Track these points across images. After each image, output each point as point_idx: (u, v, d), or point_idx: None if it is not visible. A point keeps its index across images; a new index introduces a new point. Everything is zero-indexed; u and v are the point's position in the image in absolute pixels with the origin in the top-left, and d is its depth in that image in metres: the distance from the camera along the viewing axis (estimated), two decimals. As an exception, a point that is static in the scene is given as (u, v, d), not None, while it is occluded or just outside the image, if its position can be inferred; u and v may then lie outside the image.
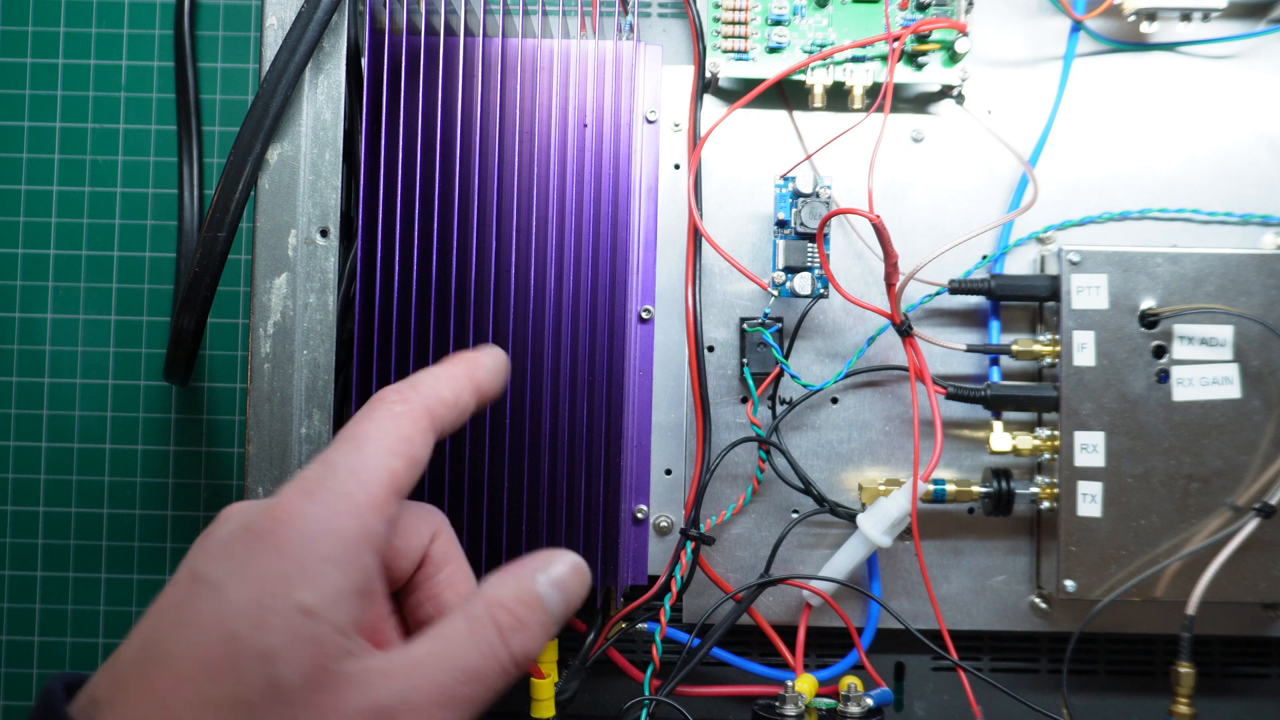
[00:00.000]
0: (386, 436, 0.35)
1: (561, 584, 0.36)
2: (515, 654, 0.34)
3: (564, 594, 0.36)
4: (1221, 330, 0.55)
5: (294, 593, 0.31)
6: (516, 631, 0.34)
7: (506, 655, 0.34)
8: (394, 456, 0.34)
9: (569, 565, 0.36)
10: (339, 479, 0.33)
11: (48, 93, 0.66)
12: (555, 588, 0.35)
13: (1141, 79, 0.60)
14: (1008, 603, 0.58)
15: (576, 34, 0.55)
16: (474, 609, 0.34)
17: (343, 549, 0.32)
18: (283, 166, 0.49)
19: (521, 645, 0.34)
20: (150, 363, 0.65)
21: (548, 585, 0.35)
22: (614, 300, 0.54)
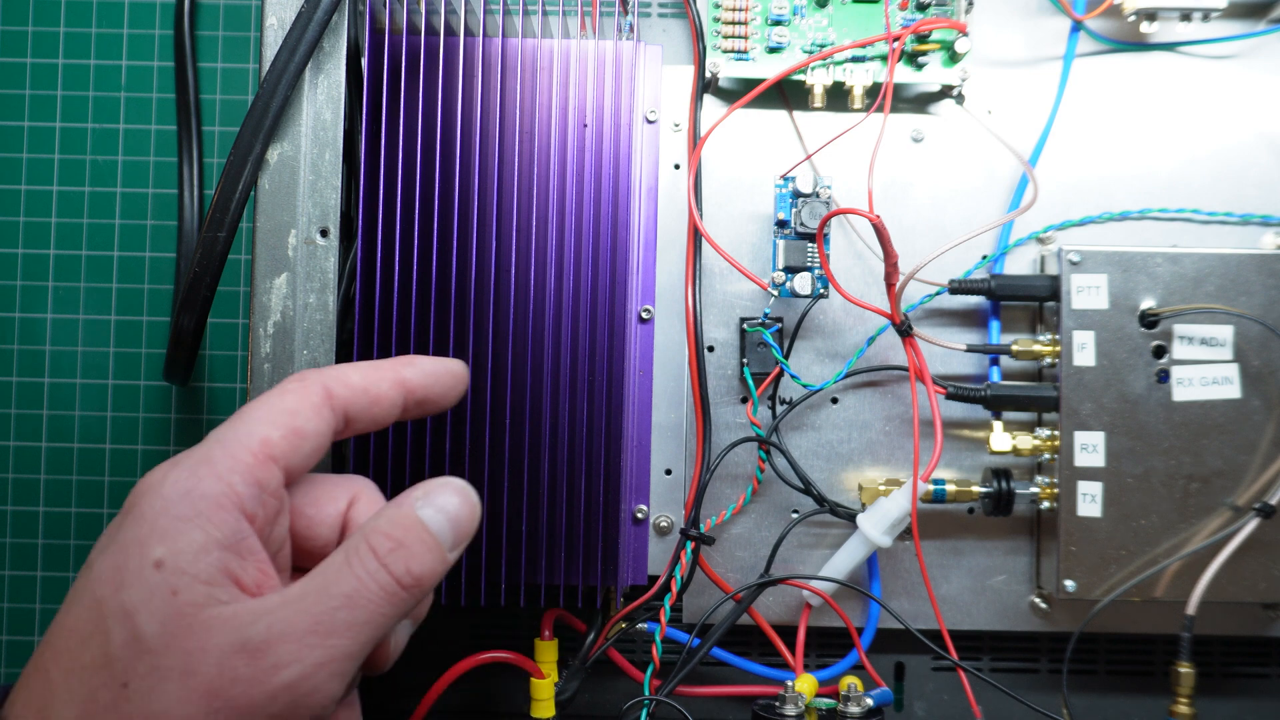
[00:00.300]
0: (268, 408, 0.37)
1: (443, 507, 0.37)
2: (397, 573, 0.35)
3: (446, 515, 0.36)
4: (1221, 330, 0.55)
5: (148, 551, 0.33)
6: (394, 552, 0.35)
7: (385, 576, 0.34)
8: (270, 425, 0.36)
9: (452, 488, 0.37)
10: (206, 446, 0.35)
11: (48, 93, 0.66)
12: (437, 510, 0.36)
13: (1141, 79, 0.60)
14: (1008, 603, 0.58)
15: (576, 34, 0.55)
16: (351, 540, 0.35)
17: (199, 508, 0.34)
18: (283, 166, 0.49)
19: (403, 564, 0.35)
20: (150, 363, 0.65)
21: (428, 509, 0.36)
22: (614, 300, 0.54)
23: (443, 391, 0.42)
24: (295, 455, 0.36)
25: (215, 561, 0.33)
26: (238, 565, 0.34)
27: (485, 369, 0.53)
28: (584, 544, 0.54)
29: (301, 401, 0.37)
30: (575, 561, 0.54)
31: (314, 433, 0.37)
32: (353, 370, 0.39)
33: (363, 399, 0.39)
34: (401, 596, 0.35)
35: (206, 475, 0.34)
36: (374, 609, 0.34)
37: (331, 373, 0.39)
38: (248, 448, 0.35)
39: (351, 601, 0.34)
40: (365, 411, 0.39)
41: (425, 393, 0.41)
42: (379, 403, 0.39)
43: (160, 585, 0.32)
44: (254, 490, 0.35)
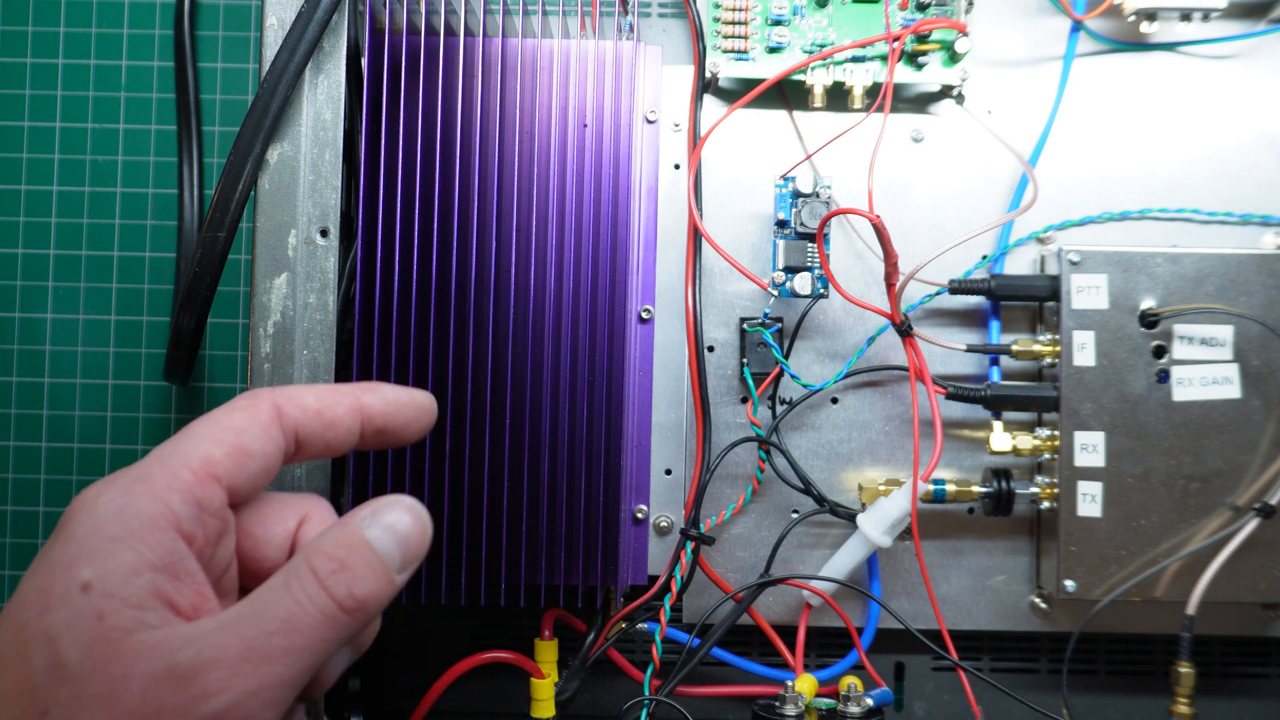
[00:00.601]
0: (213, 426, 0.35)
1: (391, 527, 0.35)
2: (338, 596, 0.33)
3: (395, 535, 0.34)
4: (1221, 330, 0.55)
5: (75, 573, 0.31)
6: (336, 574, 0.33)
7: (325, 599, 0.33)
8: (213, 444, 0.34)
9: (402, 507, 0.35)
10: (145, 463, 0.34)
11: (48, 93, 0.66)
12: (384, 530, 0.34)
13: (1141, 79, 0.60)
14: (1008, 603, 0.58)
15: (576, 34, 0.55)
16: (293, 561, 0.34)
17: (132, 528, 0.32)
18: (283, 166, 0.49)
19: (345, 587, 0.33)
20: (150, 363, 0.65)
21: (375, 528, 0.34)
22: (614, 300, 0.54)
23: (405, 423, 0.39)
24: (240, 475, 0.35)
25: (147, 584, 0.32)
26: (172, 588, 0.32)
27: (485, 369, 0.53)
28: (584, 544, 0.54)
29: (249, 420, 0.35)
30: (575, 561, 0.54)
31: (261, 453, 0.35)
32: (308, 392, 0.38)
33: (316, 422, 0.37)
34: (343, 620, 0.33)
35: (142, 493, 0.33)
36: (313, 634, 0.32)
37: (285, 392, 0.37)
38: (188, 465, 0.34)
39: (289, 626, 0.32)
40: (319, 435, 0.37)
41: (385, 422, 0.39)
42: (333, 427, 0.37)
43: (86, 609, 0.31)
44: (193, 510, 0.33)
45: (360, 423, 0.38)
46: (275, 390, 0.37)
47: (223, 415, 0.35)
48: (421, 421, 0.40)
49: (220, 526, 0.35)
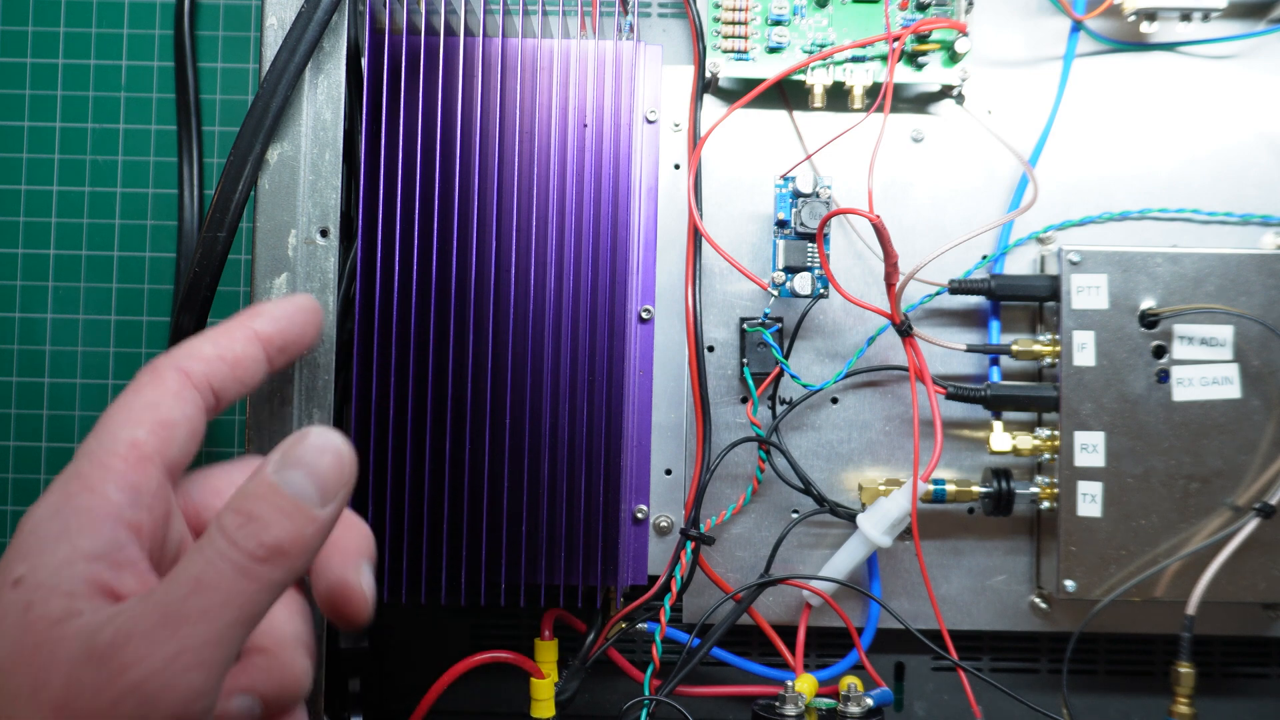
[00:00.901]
0: (126, 410, 0.35)
1: (302, 462, 0.33)
2: (249, 549, 0.32)
3: (306, 471, 0.33)
4: (1221, 330, 0.55)
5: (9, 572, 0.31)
6: (243, 527, 0.32)
7: (234, 552, 0.31)
8: (133, 425, 0.34)
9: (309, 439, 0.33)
10: (75, 462, 0.34)
11: (48, 93, 0.66)
12: (295, 468, 0.33)
13: (1141, 79, 0.60)
14: (1008, 603, 0.58)
15: (576, 34, 0.55)
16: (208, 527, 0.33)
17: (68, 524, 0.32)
18: (283, 166, 0.49)
19: (255, 537, 0.32)
20: (150, 363, 0.65)
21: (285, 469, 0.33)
22: (614, 300, 0.54)
23: (300, 331, 0.40)
24: (170, 448, 0.35)
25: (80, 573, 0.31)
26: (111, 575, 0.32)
27: (485, 369, 0.53)
28: (584, 544, 0.54)
29: (159, 391, 0.35)
30: (575, 561, 0.54)
31: (183, 419, 0.35)
32: (203, 342, 0.38)
33: (222, 367, 0.37)
34: (261, 570, 0.32)
35: (77, 490, 0.33)
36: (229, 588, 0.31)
37: (182, 351, 0.37)
38: (115, 453, 0.33)
39: (201, 584, 0.31)
40: (230, 378, 0.37)
41: (283, 339, 0.39)
42: (240, 364, 0.38)
43: (14, 603, 0.31)
44: (131, 496, 0.33)
45: (261, 349, 0.39)
46: (172, 353, 0.37)
47: (132, 396, 0.35)
48: (313, 324, 0.41)
49: (165, 507, 0.34)
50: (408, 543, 0.52)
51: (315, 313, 0.41)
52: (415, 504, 0.52)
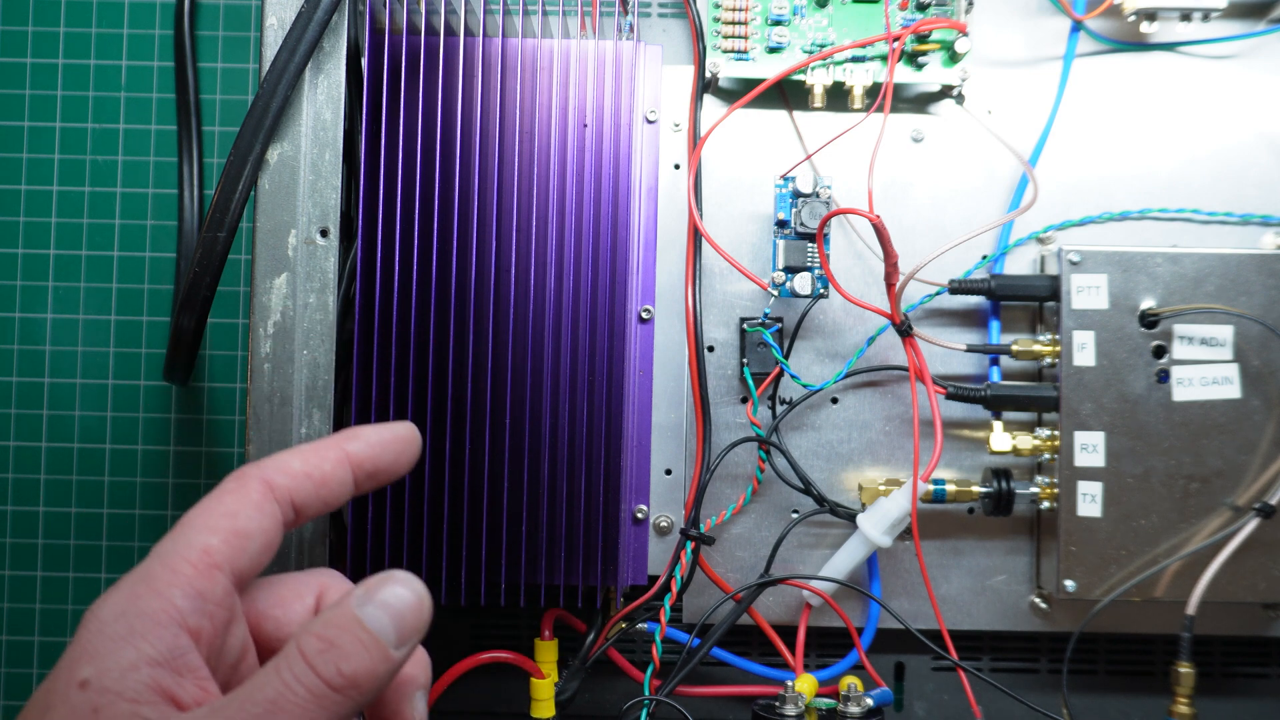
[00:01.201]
0: (205, 514, 0.36)
1: (385, 603, 0.34)
2: (326, 675, 0.33)
3: (388, 610, 0.34)
4: (1221, 330, 0.55)
5: (75, 672, 0.32)
6: (324, 653, 0.33)
7: (313, 678, 0.32)
8: (209, 532, 0.35)
9: (395, 580, 0.35)
10: (147, 563, 0.34)
11: (48, 93, 0.66)
12: (378, 606, 0.34)
13: (1141, 79, 0.60)
14: (1008, 603, 0.58)
15: (576, 34, 0.55)
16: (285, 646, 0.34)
17: (134, 626, 0.33)
18: (283, 166, 0.49)
19: (333, 665, 0.33)
20: (150, 363, 0.65)
21: (368, 605, 0.34)
22: (614, 300, 0.54)
23: (393, 459, 0.40)
24: (241, 558, 0.35)
25: (145, 679, 0.32)
26: (173, 682, 0.32)
27: (485, 369, 0.53)
28: (584, 544, 0.54)
29: (240, 501, 0.36)
30: (575, 561, 0.54)
31: (258, 531, 0.36)
32: (293, 457, 0.38)
33: (307, 484, 0.38)
34: (333, 699, 0.33)
35: (144, 593, 0.33)
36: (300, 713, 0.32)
37: (271, 464, 0.37)
38: (186, 559, 0.34)
39: (275, 707, 0.32)
40: (314, 496, 0.38)
41: (374, 465, 0.40)
42: (326, 484, 0.38)
43: (82, 705, 0.31)
44: (195, 603, 0.34)
45: (350, 472, 0.39)
46: (261, 464, 0.37)
47: (214, 502, 0.36)
48: (408, 454, 0.41)
49: (227, 615, 0.35)
50: (408, 543, 0.52)
51: (413, 443, 0.41)
52: (415, 504, 0.52)
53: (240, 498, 0.36)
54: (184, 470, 0.65)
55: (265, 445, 0.49)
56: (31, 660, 0.64)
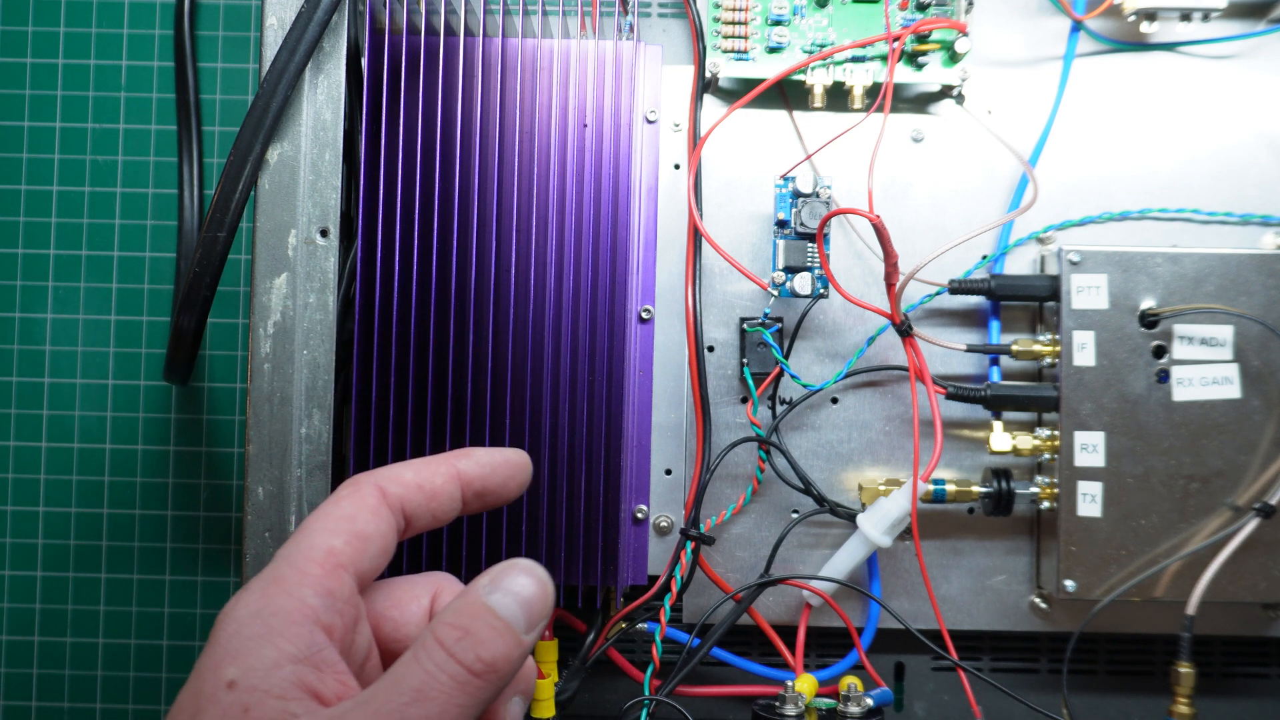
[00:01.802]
0: (326, 518, 0.37)
1: (511, 589, 0.36)
2: (466, 661, 0.34)
3: (515, 598, 0.36)
4: (1221, 330, 0.55)
5: (221, 673, 0.33)
6: (462, 641, 0.34)
7: (455, 666, 0.34)
8: (332, 534, 0.36)
9: (519, 569, 0.37)
10: (274, 566, 0.36)
11: (48, 93, 0.66)
12: (505, 594, 0.36)
13: (1141, 79, 0.60)
14: (1008, 603, 0.58)
15: (576, 34, 0.55)
16: (420, 636, 0.35)
17: (271, 625, 0.34)
18: (283, 166, 0.49)
19: (472, 652, 0.34)
20: (150, 363, 0.65)
21: (495, 593, 0.36)
22: (614, 300, 0.54)
23: (502, 482, 0.41)
24: (362, 559, 0.36)
25: (289, 676, 0.33)
26: (315, 678, 0.34)
27: (485, 369, 0.53)
28: (584, 544, 0.54)
29: (358, 506, 0.37)
30: (575, 561, 0.54)
31: (376, 534, 0.37)
32: (406, 469, 0.39)
33: (418, 495, 0.39)
34: (475, 685, 0.34)
35: (277, 593, 0.34)
36: (446, 700, 0.33)
37: (384, 473, 0.39)
38: (313, 560, 0.35)
39: (422, 695, 0.33)
40: (424, 507, 0.39)
41: (483, 484, 0.41)
42: (436, 498, 0.39)
43: (233, 705, 0.32)
44: (326, 601, 0.35)
45: (460, 489, 0.40)
46: (375, 473, 0.39)
47: (332, 507, 0.37)
48: (519, 478, 0.42)
49: (355, 613, 0.36)
50: (408, 543, 0.52)
51: (524, 469, 0.42)
52: (415, 504, 0.52)
53: (357, 502, 0.37)
54: (184, 470, 0.65)
55: (265, 445, 0.49)
56: (31, 660, 0.64)
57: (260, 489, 0.49)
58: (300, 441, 0.49)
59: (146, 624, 0.65)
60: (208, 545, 0.65)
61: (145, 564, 0.65)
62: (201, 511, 0.65)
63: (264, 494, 0.49)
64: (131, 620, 0.65)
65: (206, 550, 0.65)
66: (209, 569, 0.65)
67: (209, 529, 0.65)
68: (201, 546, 0.65)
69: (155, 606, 0.65)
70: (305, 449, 0.49)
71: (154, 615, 0.65)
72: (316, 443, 0.49)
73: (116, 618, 0.65)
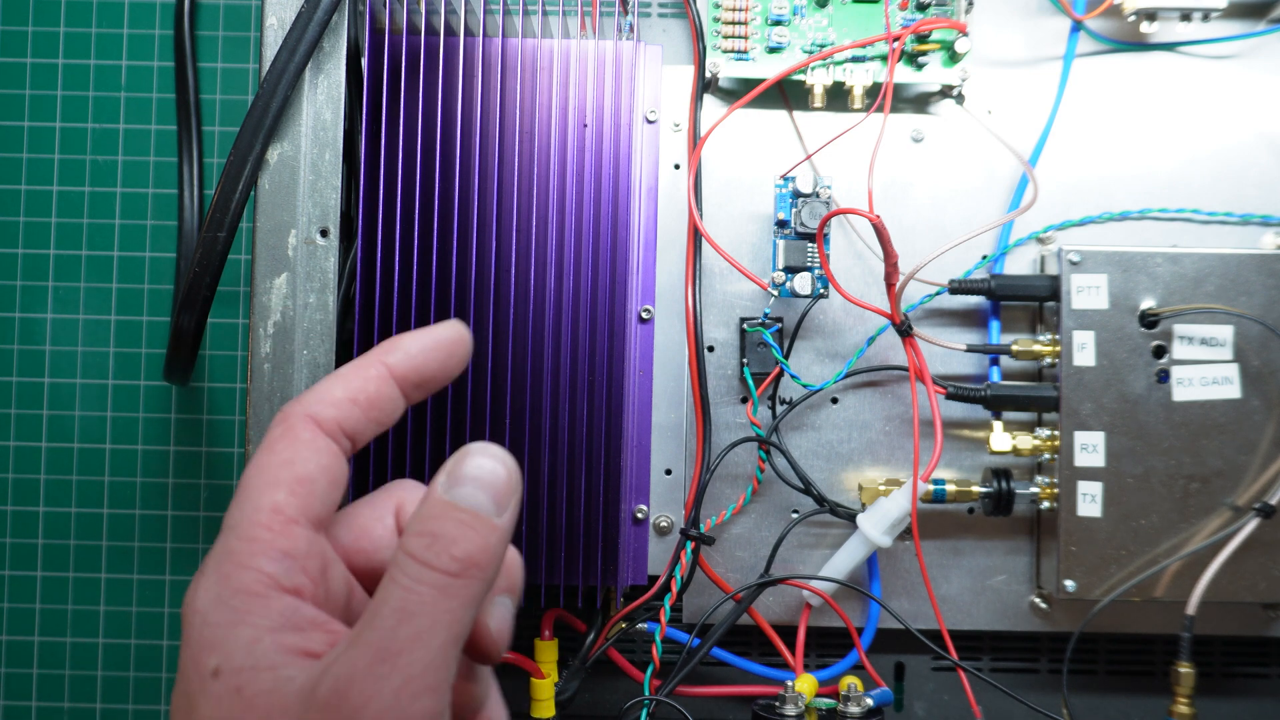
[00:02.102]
0: (264, 471, 0.34)
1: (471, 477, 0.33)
2: (442, 566, 0.32)
3: (477, 483, 0.33)
4: (1221, 330, 0.55)
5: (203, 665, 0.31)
6: (431, 547, 0.32)
7: (431, 574, 0.32)
8: (273, 489, 0.34)
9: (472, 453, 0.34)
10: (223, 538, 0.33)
11: (48, 93, 0.66)
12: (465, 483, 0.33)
13: (1141, 79, 0.60)
14: (1008, 603, 0.58)
15: (576, 34, 0.55)
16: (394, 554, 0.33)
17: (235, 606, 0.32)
18: (283, 166, 0.49)
19: (445, 553, 0.32)
20: (150, 363, 0.65)
21: (455, 486, 0.33)
22: (614, 300, 0.54)
23: (440, 365, 0.37)
24: (313, 504, 0.34)
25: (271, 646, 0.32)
26: (299, 639, 0.32)
27: (485, 369, 0.53)
28: (584, 544, 0.54)
29: (292, 447, 0.34)
30: (575, 561, 0.54)
31: (320, 470, 0.34)
32: (334, 384, 0.36)
33: (355, 410, 0.36)
34: (458, 585, 0.32)
35: (232, 570, 0.33)
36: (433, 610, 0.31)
37: (311, 398, 0.36)
38: (258, 523, 0.33)
39: (405, 613, 0.31)
40: (364, 420, 0.36)
41: (420, 375, 0.37)
42: (376, 405, 0.36)
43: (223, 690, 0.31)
44: (285, 564, 0.33)
45: (397, 387, 0.37)
46: (302, 400, 0.35)
47: (267, 456, 0.35)
48: (457, 355, 0.38)
49: (320, 561, 0.34)
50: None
51: (461, 343, 0.38)
52: (415, 504, 0.52)
53: (291, 442, 0.34)
54: (184, 470, 0.65)
55: (265, 445, 0.49)
56: (31, 660, 0.64)
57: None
58: (300, 441, 0.49)
59: (146, 624, 0.65)
60: (207, 545, 0.65)
61: (145, 564, 0.65)
62: (201, 511, 0.65)
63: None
64: (131, 620, 0.65)
65: (206, 550, 0.65)
66: (209, 569, 0.65)
67: (209, 529, 0.65)
68: (201, 546, 0.65)
69: (155, 606, 0.65)
70: (305, 449, 0.49)
71: (154, 615, 0.65)
72: (316, 443, 0.49)
73: (116, 618, 0.65)
